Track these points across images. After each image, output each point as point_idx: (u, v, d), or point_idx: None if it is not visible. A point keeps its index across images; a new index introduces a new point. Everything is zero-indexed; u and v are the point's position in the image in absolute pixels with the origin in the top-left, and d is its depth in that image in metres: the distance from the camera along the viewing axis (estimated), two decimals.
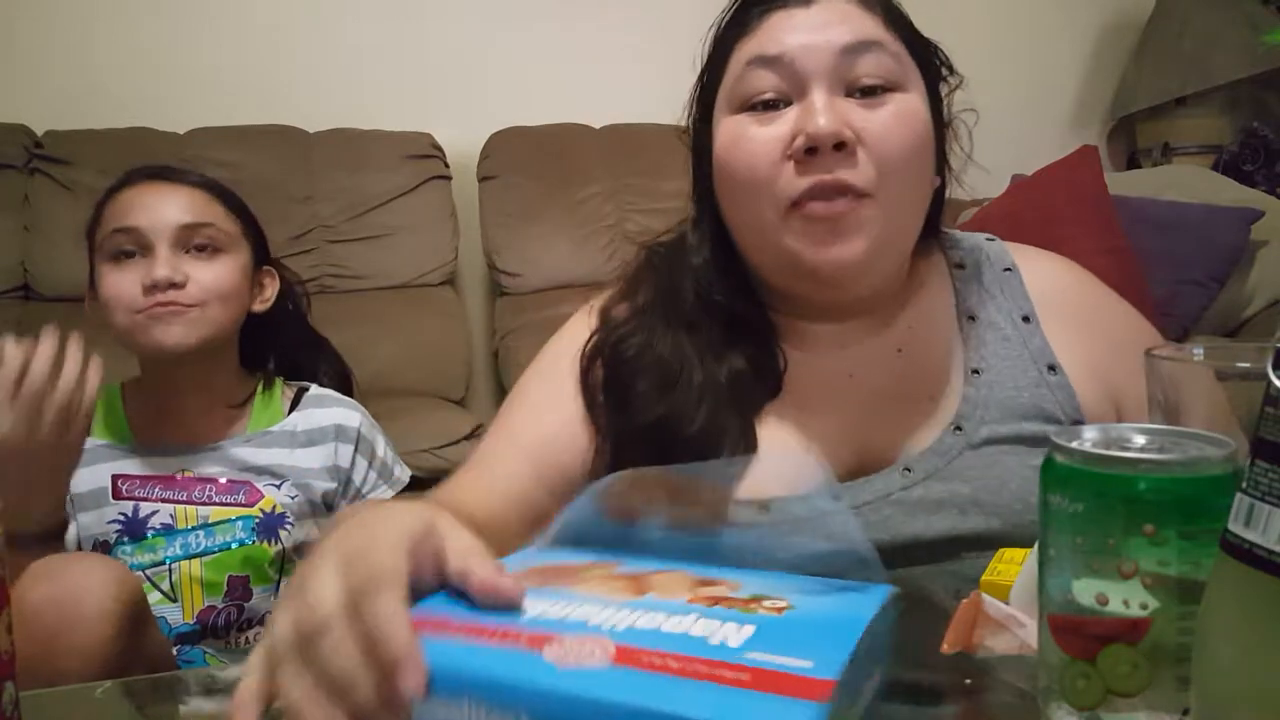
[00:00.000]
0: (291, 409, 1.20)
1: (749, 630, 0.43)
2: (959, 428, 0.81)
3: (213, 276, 1.12)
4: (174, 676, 0.76)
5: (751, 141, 0.76)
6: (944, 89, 0.85)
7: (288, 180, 2.21)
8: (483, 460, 0.85)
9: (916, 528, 0.76)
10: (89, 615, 0.84)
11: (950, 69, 0.85)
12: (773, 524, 0.65)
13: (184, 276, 1.09)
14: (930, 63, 0.82)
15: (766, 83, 0.76)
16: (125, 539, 1.09)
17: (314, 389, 1.24)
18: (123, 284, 1.10)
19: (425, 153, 2.31)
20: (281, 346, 1.26)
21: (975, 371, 0.83)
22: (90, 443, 1.13)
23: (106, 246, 1.11)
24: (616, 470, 0.77)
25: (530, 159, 2.35)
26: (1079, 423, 0.81)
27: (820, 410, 0.83)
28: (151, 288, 1.08)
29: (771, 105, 0.76)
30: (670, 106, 0.93)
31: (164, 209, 1.11)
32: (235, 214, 1.18)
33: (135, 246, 1.10)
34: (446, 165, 2.33)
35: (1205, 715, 0.37)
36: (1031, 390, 0.82)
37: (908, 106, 0.77)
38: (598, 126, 2.43)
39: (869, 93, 0.76)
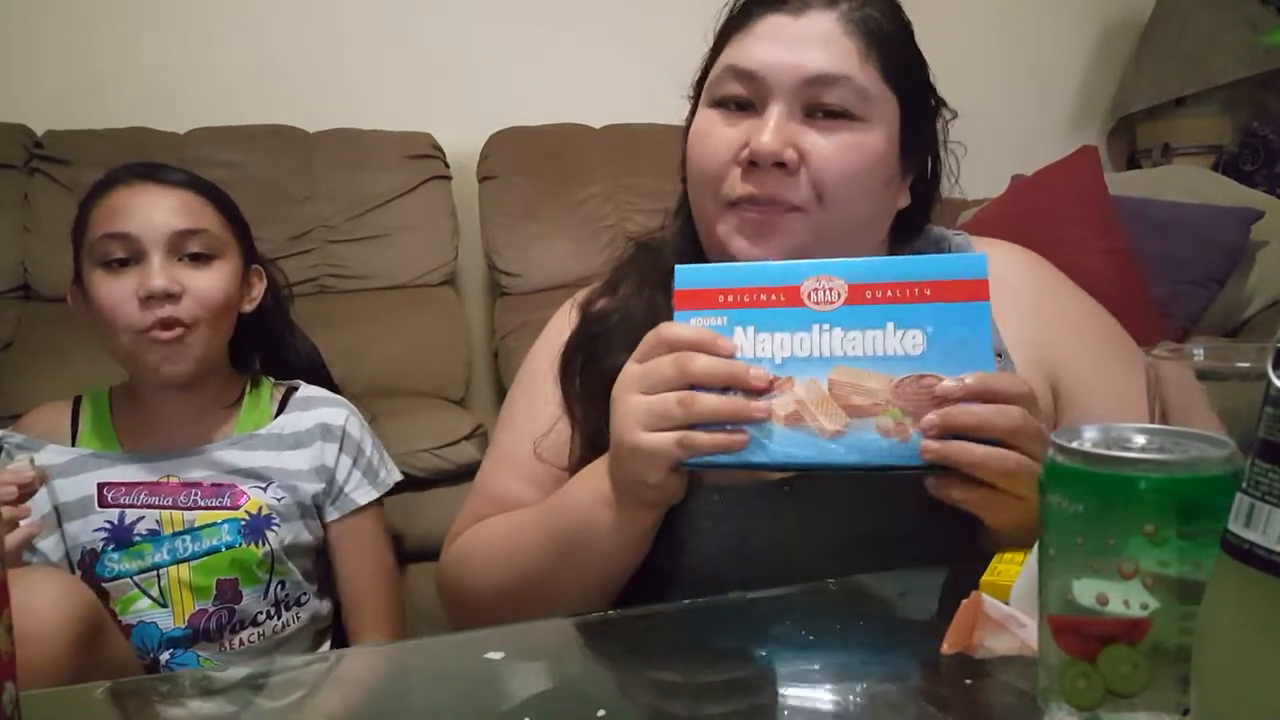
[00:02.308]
0: (280, 410, 1.20)
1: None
2: None
3: (208, 286, 1.11)
4: (173, 677, 0.75)
5: (713, 138, 0.83)
6: (940, 119, 0.89)
7: (288, 180, 2.20)
8: (488, 489, 0.91)
9: (862, 514, 0.78)
10: (37, 631, 0.83)
11: (943, 103, 0.89)
12: None
13: (180, 287, 1.09)
14: (914, 87, 0.86)
15: (737, 90, 0.83)
16: (112, 546, 1.09)
17: (302, 389, 1.23)
18: (117, 295, 1.08)
19: (425, 153, 2.31)
20: (266, 344, 1.25)
21: None
22: (76, 452, 1.13)
23: (97, 251, 1.10)
24: (588, 457, 0.81)
25: (530, 159, 2.35)
26: None
27: None
28: (147, 299, 1.07)
29: (741, 105, 0.83)
30: (670, 106, 0.94)
31: (156, 213, 1.10)
32: (226, 216, 1.17)
33: (128, 253, 1.09)
34: (446, 165, 2.33)
35: (1205, 715, 0.37)
36: None
37: (862, 139, 0.81)
38: (598, 126, 2.42)
39: (829, 115, 0.81)
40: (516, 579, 0.80)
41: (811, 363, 0.66)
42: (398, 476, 1.26)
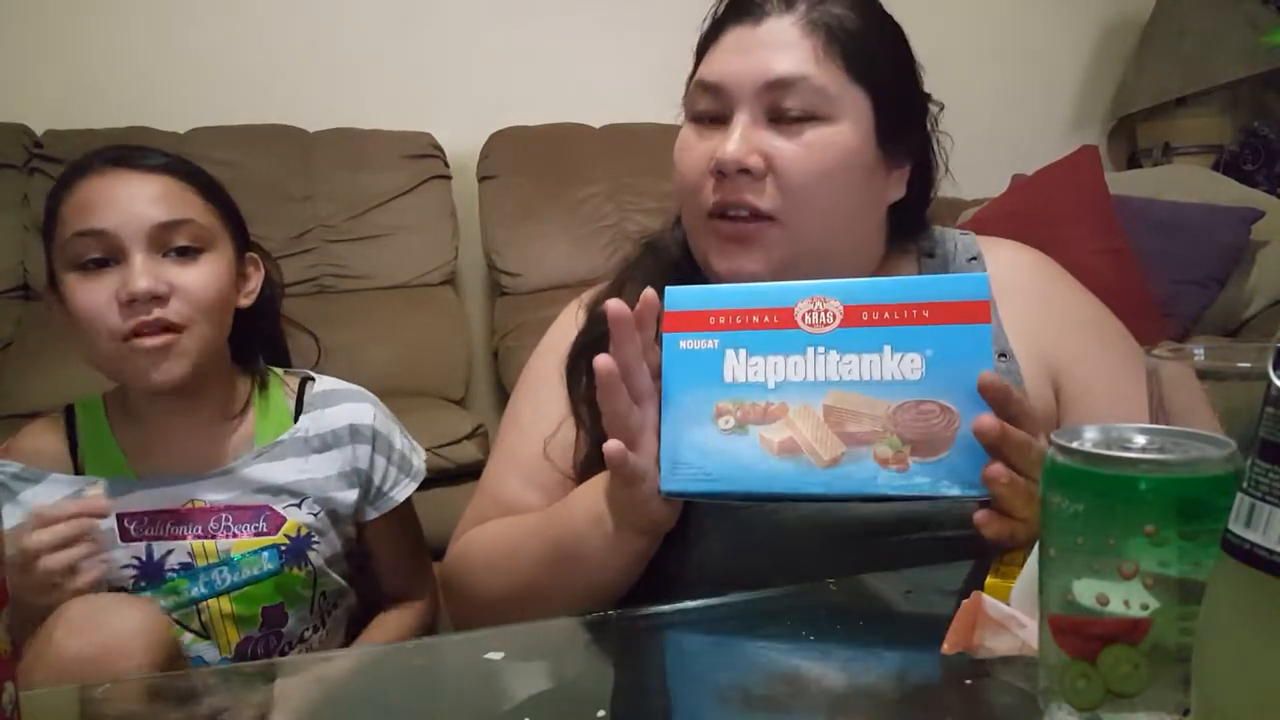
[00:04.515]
0: (297, 408, 1.11)
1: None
2: None
3: (199, 283, 0.98)
4: (175, 676, 0.75)
5: (690, 151, 0.86)
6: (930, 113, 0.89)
7: (287, 180, 2.21)
8: (493, 491, 0.90)
9: (866, 512, 0.77)
10: (127, 669, 0.80)
11: (928, 96, 0.89)
12: None
13: (166, 287, 0.95)
14: (887, 79, 0.85)
15: (706, 103, 0.85)
16: (143, 584, 0.99)
17: (319, 382, 1.13)
18: (97, 299, 0.95)
19: (425, 152, 2.32)
20: (267, 341, 1.15)
21: None
22: (85, 481, 1.02)
23: (70, 252, 0.96)
24: (592, 462, 0.80)
25: (530, 159, 2.35)
26: None
27: None
28: (131, 302, 0.94)
29: (714, 119, 0.85)
30: (670, 106, 0.94)
31: (134, 205, 0.96)
32: (212, 201, 1.04)
33: (105, 253, 0.95)
34: (446, 165, 2.33)
35: (1205, 715, 0.36)
36: None
37: (827, 137, 0.82)
38: (598, 126, 2.43)
39: (792, 120, 0.82)
40: (513, 586, 0.80)
41: (806, 387, 0.65)
42: (423, 455, 1.19)
